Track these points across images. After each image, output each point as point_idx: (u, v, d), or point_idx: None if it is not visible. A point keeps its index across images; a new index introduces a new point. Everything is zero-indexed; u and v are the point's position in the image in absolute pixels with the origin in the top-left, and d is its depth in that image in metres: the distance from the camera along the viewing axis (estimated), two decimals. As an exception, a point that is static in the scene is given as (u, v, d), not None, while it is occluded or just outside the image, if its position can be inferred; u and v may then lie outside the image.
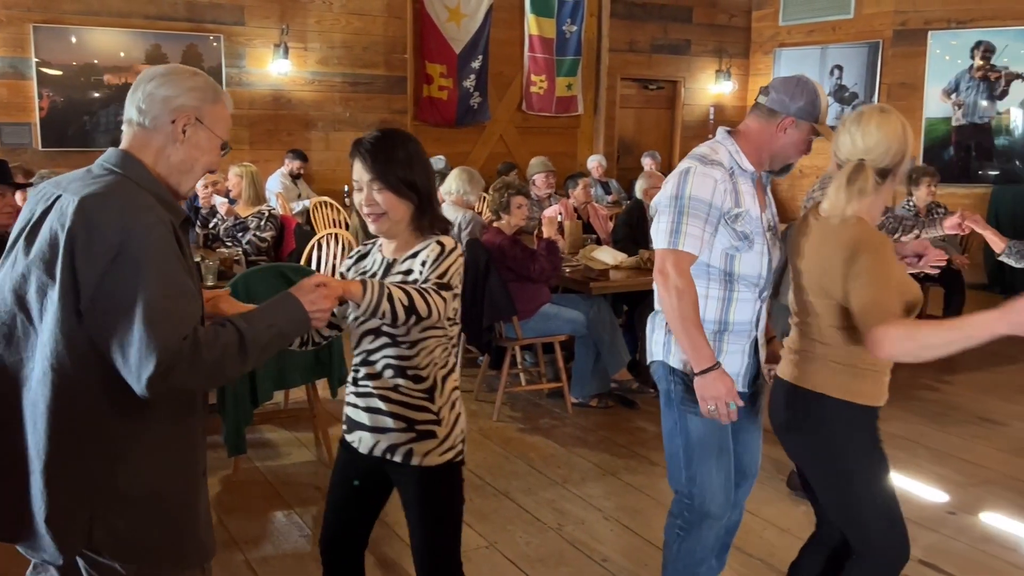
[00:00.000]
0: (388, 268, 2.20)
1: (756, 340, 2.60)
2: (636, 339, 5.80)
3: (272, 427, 4.78)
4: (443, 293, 2.03)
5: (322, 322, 1.84)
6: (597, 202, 9.39)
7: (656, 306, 2.59)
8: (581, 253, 5.64)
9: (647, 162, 9.41)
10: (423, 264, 2.10)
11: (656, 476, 4.19)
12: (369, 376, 2.21)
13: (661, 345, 2.57)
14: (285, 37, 8.56)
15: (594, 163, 9.79)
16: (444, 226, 2.21)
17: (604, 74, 10.67)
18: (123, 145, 1.79)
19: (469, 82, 9.72)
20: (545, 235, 4.94)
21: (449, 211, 5.61)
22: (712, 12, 11.23)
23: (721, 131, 2.57)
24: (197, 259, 4.16)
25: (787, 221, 6.77)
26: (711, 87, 11.42)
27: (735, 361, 2.54)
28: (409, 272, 2.14)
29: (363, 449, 2.25)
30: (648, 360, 2.65)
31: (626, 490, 4.06)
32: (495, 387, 5.10)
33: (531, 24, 10.12)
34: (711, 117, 11.53)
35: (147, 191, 1.72)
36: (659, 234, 2.47)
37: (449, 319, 2.17)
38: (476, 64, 9.71)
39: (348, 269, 2.34)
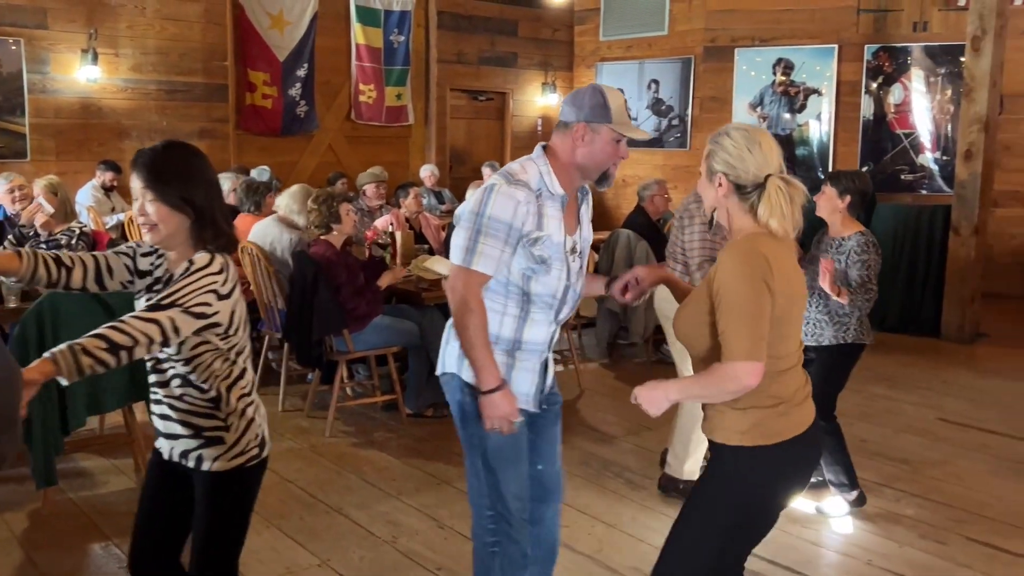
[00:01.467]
0: (167, 282, 2.20)
1: (547, 360, 2.61)
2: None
3: (87, 455, 4.49)
4: (161, 314, 1.99)
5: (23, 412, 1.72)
6: (430, 212, 9.43)
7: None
8: (413, 264, 5.63)
9: (486, 171, 9.50)
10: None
11: (490, 482, 4.24)
12: (159, 384, 2.25)
13: (455, 358, 2.52)
14: (94, 42, 8.09)
15: (426, 173, 9.83)
16: (227, 242, 2.20)
17: (433, 84, 10.73)
18: None
19: (295, 90, 9.52)
20: (380, 282, 4.95)
21: (271, 226, 5.47)
22: (537, 26, 11.53)
23: (538, 148, 2.53)
24: (-5, 279, 3.85)
25: (611, 229, 7.05)
26: (538, 99, 11.71)
27: (525, 379, 2.53)
28: None
29: (165, 455, 2.30)
30: (439, 371, 2.60)
31: (460, 497, 4.08)
32: (327, 403, 5.02)
33: (357, 33, 10.03)
34: (539, 128, 11.83)
35: None
36: (455, 249, 2.43)
37: (220, 335, 2.14)
38: (302, 72, 9.53)
39: (140, 294, 2.28)
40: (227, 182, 6.58)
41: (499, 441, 2.48)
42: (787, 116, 10.11)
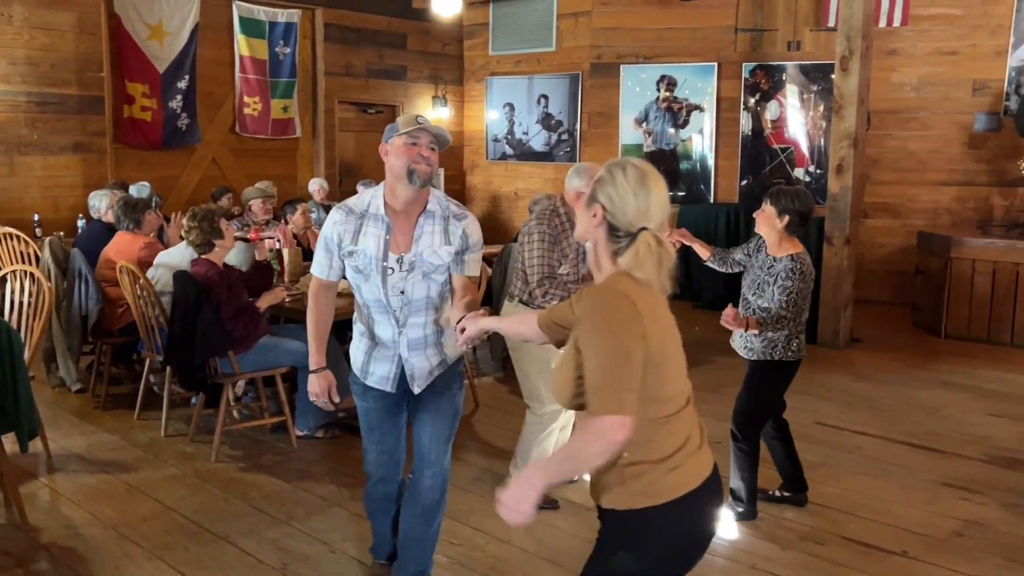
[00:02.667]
0: None
1: (401, 356, 3.04)
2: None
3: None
4: None
5: None
6: (319, 226, 9.28)
7: None
8: (301, 281, 5.54)
9: (360, 189, 9.39)
10: None
11: (383, 503, 4.19)
12: None
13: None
14: (-46, 50, 7.64)
15: (315, 186, 9.65)
16: None
17: (321, 97, 10.58)
18: None
19: (176, 103, 9.22)
20: (259, 304, 4.82)
21: (175, 253, 5.27)
22: (426, 40, 11.52)
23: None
24: None
25: (504, 243, 7.09)
26: (429, 112, 11.69)
27: (381, 367, 3.06)
28: None
29: None
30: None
31: (352, 520, 4.02)
32: (213, 427, 4.85)
33: (241, 44, 9.80)
34: (429, 141, 11.78)
35: None
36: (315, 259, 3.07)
37: None
38: (183, 84, 9.24)
39: None
40: (104, 199, 6.30)
41: (361, 414, 3.19)
42: (671, 131, 10.41)
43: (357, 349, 3.14)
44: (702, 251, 4.03)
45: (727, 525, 3.98)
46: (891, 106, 9.37)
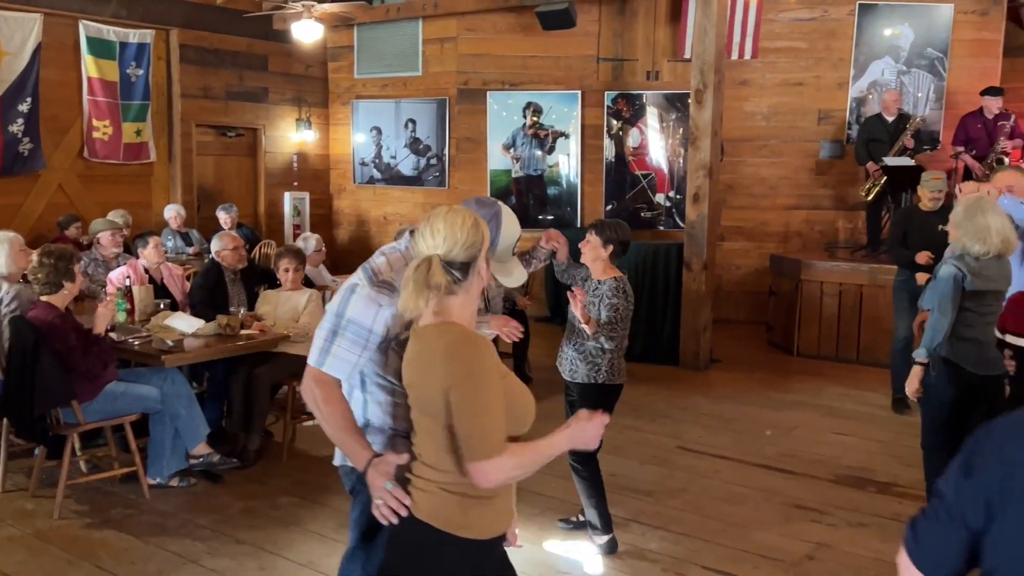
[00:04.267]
0: None
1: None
2: (222, 406, 5.56)
3: None
4: None
5: None
6: (178, 254, 8.89)
7: None
8: (152, 321, 5.28)
9: (222, 216, 9.09)
10: None
11: (242, 556, 4.03)
12: None
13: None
14: None
15: (172, 212, 9.28)
16: None
17: (177, 120, 10.17)
18: None
19: (16, 127, 8.66)
20: (96, 329, 4.55)
21: None
22: (288, 61, 11.27)
23: (407, 235, 2.46)
24: None
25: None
26: (292, 135, 11.44)
27: None
28: None
29: None
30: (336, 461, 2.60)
31: (209, 577, 3.84)
32: (56, 479, 4.54)
33: (89, 66, 9.31)
34: (295, 165, 11.55)
35: None
36: (314, 345, 2.42)
37: None
38: (24, 107, 8.70)
39: None
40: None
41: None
42: (539, 156, 10.55)
43: None
44: (561, 252, 4.09)
45: (591, 560, 4.02)
46: (744, 134, 9.81)
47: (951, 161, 8.51)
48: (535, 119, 10.48)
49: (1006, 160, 8.10)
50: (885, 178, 8.14)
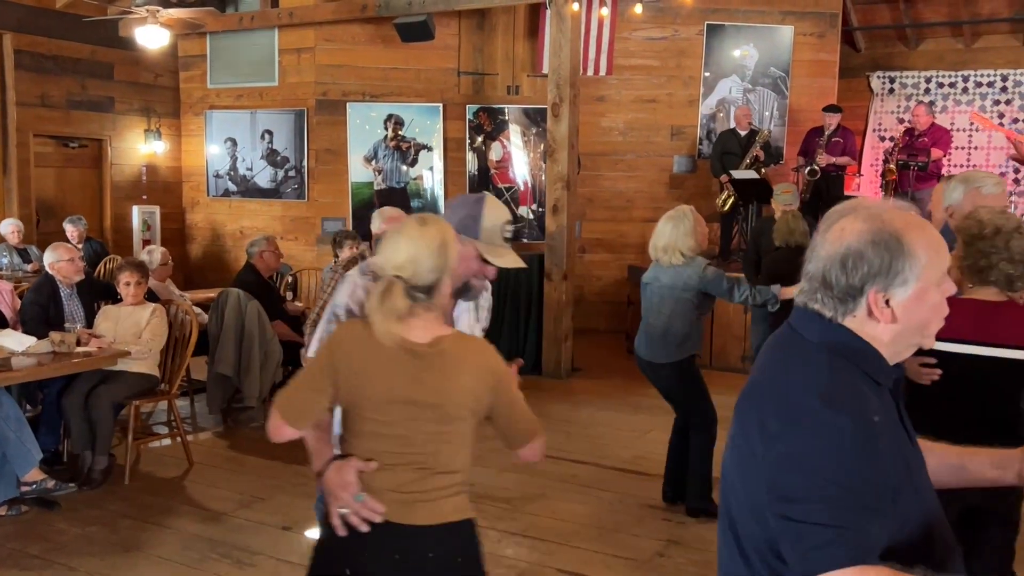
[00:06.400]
0: None
1: None
2: (59, 429, 5.23)
3: None
4: None
5: None
6: (14, 271, 8.33)
7: None
8: (-22, 342, 4.90)
9: (69, 229, 8.60)
10: None
11: (73, 586, 3.77)
12: None
13: None
14: None
15: (10, 228, 8.69)
16: None
17: (13, 130, 9.54)
18: None
19: None
20: None
21: None
22: (135, 70, 10.78)
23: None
24: None
25: (225, 285, 6.71)
26: (141, 146, 10.94)
27: None
28: None
29: None
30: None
31: (35, 611, 3.58)
32: None
33: (-89, 69, 8.64)
34: (144, 177, 11.04)
35: None
36: (314, 340, 2.49)
37: None
38: None
39: None
40: None
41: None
42: (402, 169, 10.49)
43: None
44: None
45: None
46: (602, 149, 10.06)
47: (794, 175, 9.01)
48: (397, 131, 10.41)
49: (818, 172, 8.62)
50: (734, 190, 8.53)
